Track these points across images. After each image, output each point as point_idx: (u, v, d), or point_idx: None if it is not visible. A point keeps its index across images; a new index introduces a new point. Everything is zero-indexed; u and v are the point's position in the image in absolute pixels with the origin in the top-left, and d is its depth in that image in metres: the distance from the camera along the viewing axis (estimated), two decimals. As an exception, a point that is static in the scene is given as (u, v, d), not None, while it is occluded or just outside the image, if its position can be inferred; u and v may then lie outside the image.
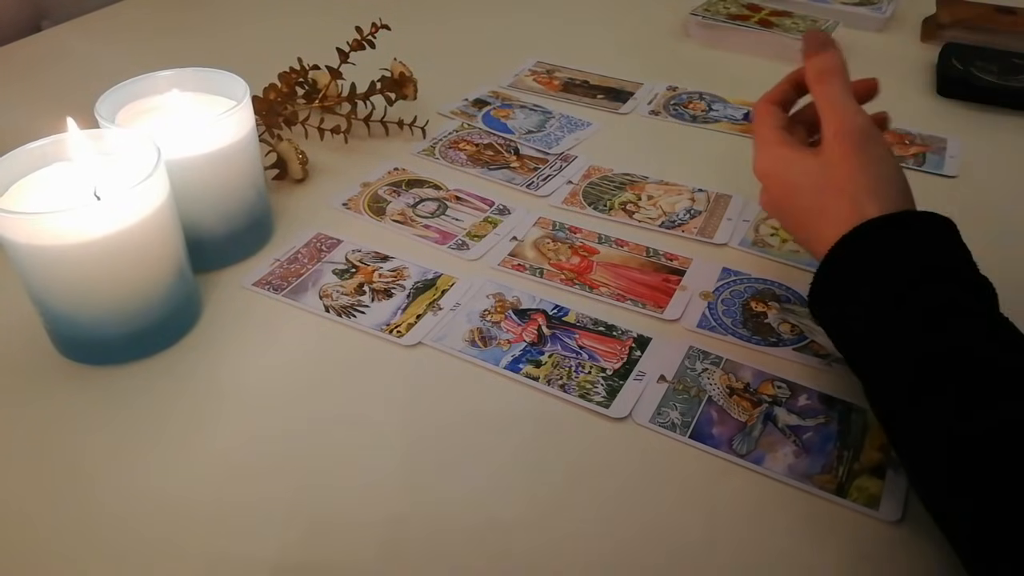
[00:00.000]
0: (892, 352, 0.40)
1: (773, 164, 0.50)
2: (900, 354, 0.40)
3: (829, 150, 0.46)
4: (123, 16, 0.99)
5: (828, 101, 0.48)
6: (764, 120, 0.51)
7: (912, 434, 0.39)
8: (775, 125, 0.51)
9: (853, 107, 0.47)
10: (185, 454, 0.45)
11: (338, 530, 0.41)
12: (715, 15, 0.90)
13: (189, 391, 0.49)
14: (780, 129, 0.50)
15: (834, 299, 0.45)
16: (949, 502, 0.38)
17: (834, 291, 0.45)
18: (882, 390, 0.42)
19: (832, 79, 0.48)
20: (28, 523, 0.42)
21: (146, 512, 0.42)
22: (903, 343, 0.40)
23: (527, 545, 0.41)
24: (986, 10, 0.90)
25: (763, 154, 0.51)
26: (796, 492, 0.43)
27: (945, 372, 0.38)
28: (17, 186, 0.49)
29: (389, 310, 0.54)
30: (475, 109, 0.78)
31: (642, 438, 0.46)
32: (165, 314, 0.51)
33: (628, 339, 0.52)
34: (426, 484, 0.44)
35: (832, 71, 0.49)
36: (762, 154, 0.51)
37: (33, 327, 0.51)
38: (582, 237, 0.61)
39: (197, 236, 0.55)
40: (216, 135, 0.53)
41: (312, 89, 0.73)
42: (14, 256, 0.46)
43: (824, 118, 0.47)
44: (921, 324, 0.40)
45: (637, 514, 0.42)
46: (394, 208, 0.64)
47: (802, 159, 0.48)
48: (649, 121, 0.77)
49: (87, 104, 0.53)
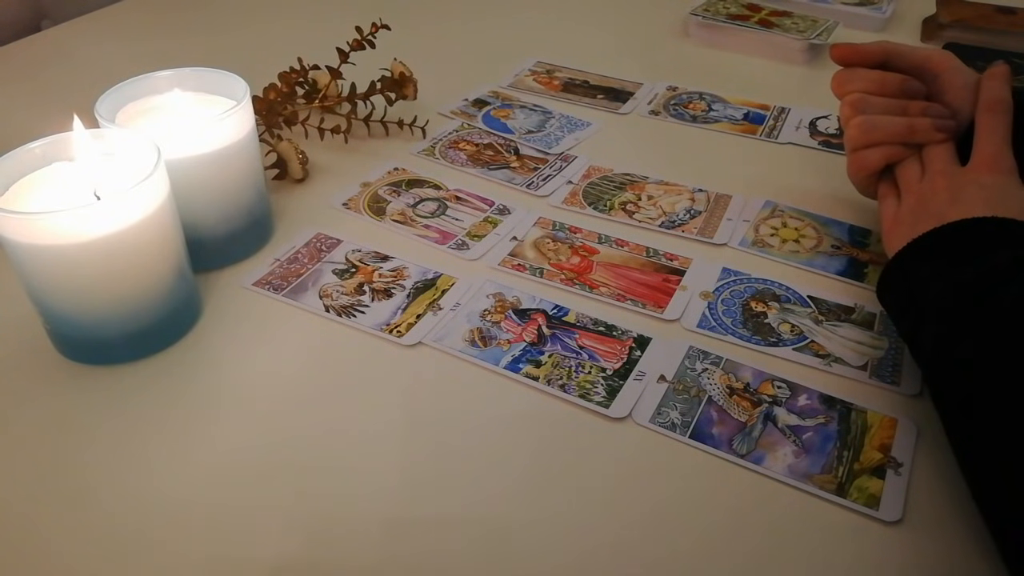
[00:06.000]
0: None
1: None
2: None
3: (976, 172, 0.50)
4: (123, 16, 0.99)
5: (992, 130, 0.51)
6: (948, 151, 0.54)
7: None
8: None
9: (1009, 145, 0.51)
10: (185, 454, 0.45)
11: (338, 530, 0.41)
12: (715, 15, 0.90)
13: (189, 391, 0.49)
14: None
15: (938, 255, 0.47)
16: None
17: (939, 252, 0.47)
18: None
19: (1005, 114, 0.52)
20: (28, 523, 0.42)
21: (145, 512, 0.42)
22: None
23: (527, 545, 0.41)
24: (986, 10, 0.90)
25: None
26: (796, 492, 0.43)
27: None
28: (17, 186, 0.49)
29: (389, 310, 0.54)
30: (475, 109, 0.78)
31: (642, 438, 0.46)
32: (165, 314, 0.51)
33: (628, 339, 0.52)
34: (426, 484, 0.44)
35: (1007, 107, 0.52)
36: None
37: (33, 327, 0.51)
38: (582, 237, 0.61)
39: (197, 236, 0.55)
40: (216, 135, 0.53)
41: (312, 89, 0.73)
42: (14, 256, 0.46)
43: (982, 142, 0.51)
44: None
45: (637, 514, 0.42)
46: (394, 208, 0.64)
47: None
48: (649, 121, 0.77)
49: (87, 104, 0.53)
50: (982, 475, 0.40)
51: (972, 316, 0.42)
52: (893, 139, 0.54)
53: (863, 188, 0.58)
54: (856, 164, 0.56)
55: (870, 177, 0.56)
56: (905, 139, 0.54)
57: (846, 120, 0.56)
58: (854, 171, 0.57)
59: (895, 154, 0.54)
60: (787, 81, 0.83)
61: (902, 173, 0.54)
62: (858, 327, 0.53)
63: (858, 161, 0.56)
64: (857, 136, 0.56)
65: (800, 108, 0.77)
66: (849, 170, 0.57)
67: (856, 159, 0.56)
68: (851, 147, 0.57)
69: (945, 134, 0.53)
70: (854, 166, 0.57)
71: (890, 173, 0.55)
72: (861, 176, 0.57)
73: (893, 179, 0.55)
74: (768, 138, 0.73)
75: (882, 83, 0.56)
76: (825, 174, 0.68)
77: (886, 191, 0.55)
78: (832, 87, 0.58)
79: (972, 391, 0.41)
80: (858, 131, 0.55)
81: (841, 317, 0.53)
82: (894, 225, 0.51)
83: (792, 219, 0.63)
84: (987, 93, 0.53)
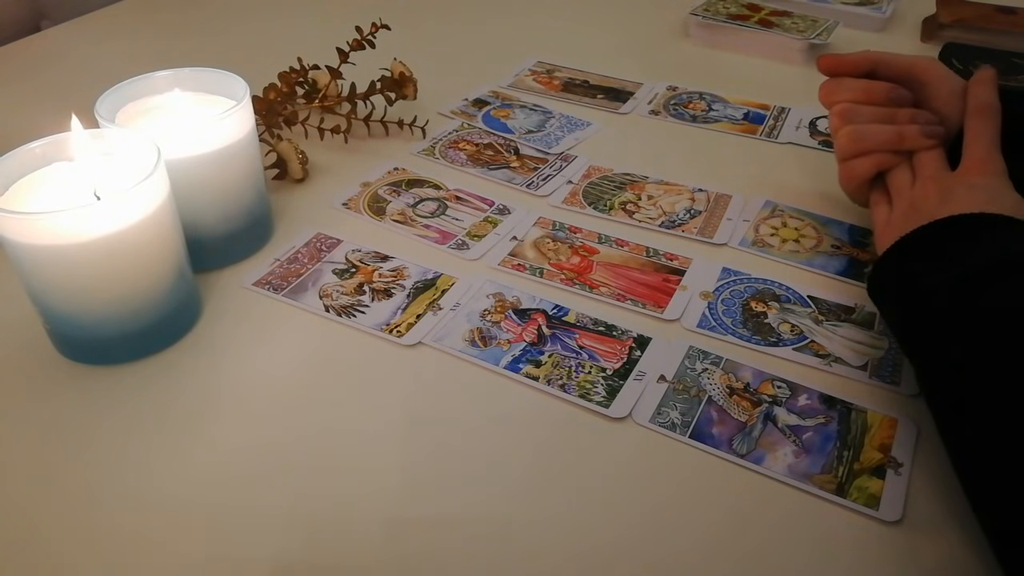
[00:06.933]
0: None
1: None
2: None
3: (966, 175, 0.50)
4: (123, 16, 0.99)
5: (981, 134, 0.52)
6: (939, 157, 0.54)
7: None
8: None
9: (998, 149, 0.51)
10: (185, 454, 0.45)
11: (338, 530, 0.41)
12: (715, 15, 0.90)
13: (189, 391, 0.49)
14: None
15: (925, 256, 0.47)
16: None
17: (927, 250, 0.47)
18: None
19: (992, 117, 0.52)
20: (28, 523, 0.42)
21: (145, 512, 0.42)
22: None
23: (527, 545, 0.41)
24: (986, 10, 0.90)
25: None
26: (796, 492, 0.43)
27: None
28: (17, 186, 0.49)
29: (389, 310, 0.54)
30: (475, 109, 0.78)
31: (642, 438, 0.46)
32: (165, 314, 0.51)
33: (628, 339, 0.52)
34: (425, 484, 0.44)
35: (995, 111, 0.52)
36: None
37: (33, 327, 0.51)
38: (582, 237, 0.61)
39: (197, 236, 0.55)
40: (216, 135, 0.53)
41: (312, 89, 0.73)
42: (14, 256, 0.46)
43: (971, 146, 0.51)
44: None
45: (637, 514, 0.42)
46: (394, 208, 0.64)
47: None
48: (649, 121, 0.77)
49: (87, 104, 0.53)
50: (976, 476, 0.40)
51: (962, 318, 0.42)
52: (882, 147, 0.55)
53: (855, 196, 0.58)
54: (847, 173, 0.57)
55: (861, 186, 0.56)
56: (894, 147, 0.54)
57: (835, 130, 0.57)
58: (845, 180, 0.57)
59: (885, 162, 0.55)
60: (787, 81, 0.83)
61: (893, 180, 0.54)
62: (858, 327, 0.53)
63: (849, 170, 0.56)
64: (846, 145, 0.56)
65: (800, 108, 0.77)
66: (840, 179, 0.58)
67: (846, 168, 0.57)
68: (841, 157, 0.57)
69: (934, 140, 0.53)
70: (845, 175, 0.57)
71: (881, 181, 0.55)
72: (852, 185, 0.57)
73: (885, 187, 0.55)
74: (768, 138, 0.73)
75: (869, 92, 0.56)
76: (825, 174, 0.68)
77: (878, 198, 0.55)
78: (820, 97, 0.59)
79: (965, 393, 0.41)
80: (847, 140, 0.56)
81: (841, 317, 0.53)
82: (886, 230, 0.51)
83: (792, 219, 0.63)
84: (975, 98, 0.53)
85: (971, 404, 0.41)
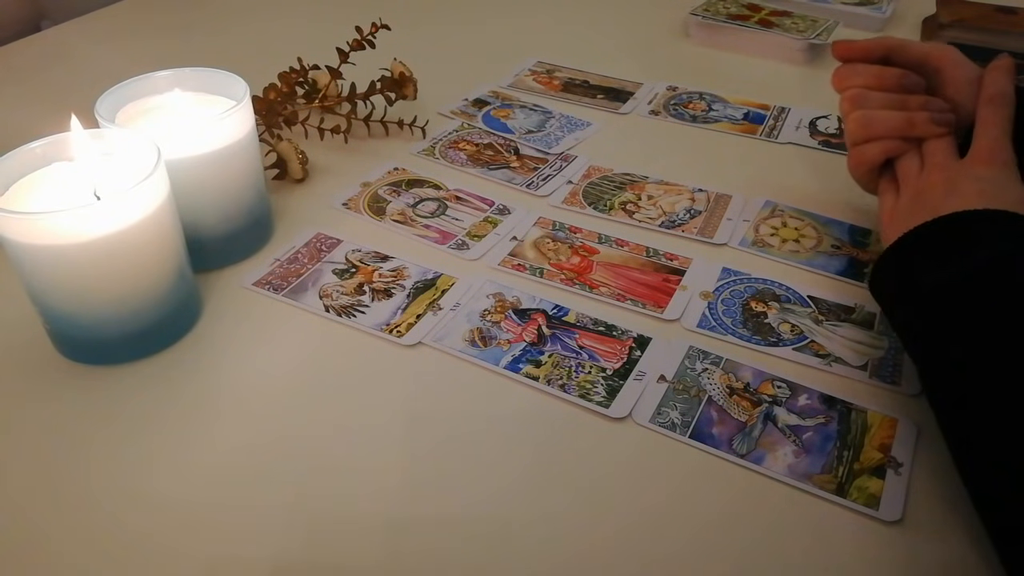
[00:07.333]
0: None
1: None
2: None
3: (972, 164, 0.50)
4: (123, 16, 0.99)
5: (991, 123, 0.51)
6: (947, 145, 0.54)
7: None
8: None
9: (1008, 138, 0.51)
10: (185, 454, 0.45)
11: (339, 530, 0.41)
12: (715, 15, 0.90)
13: (189, 391, 0.49)
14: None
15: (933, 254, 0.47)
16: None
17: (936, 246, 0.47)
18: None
19: (1005, 106, 0.52)
20: (28, 523, 0.42)
21: (145, 512, 0.42)
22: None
23: (527, 545, 0.41)
24: (986, 10, 0.90)
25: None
26: (796, 492, 0.43)
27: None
28: (17, 186, 0.49)
29: (389, 310, 0.54)
30: (475, 109, 0.78)
31: (642, 438, 0.46)
32: (165, 314, 0.51)
33: (628, 339, 0.52)
34: (426, 483, 0.44)
35: (1008, 100, 0.52)
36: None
37: (33, 327, 0.51)
38: (582, 237, 0.61)
39: (197, 236, 0.55)
40: (216, 135, 0.53)
41: (312, 89, 0.73)
42: (14, 256, 0.46)
43: (981, 134, 0.51)
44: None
45: (637, 514, 0.42)
46: (394, 208, 0.64)
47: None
48: (649, 121, 0.77)
49: (87, 104, 0.53)
50: (978, 473, 0.40)
51: (963, 317, 0.42)
52: (892, 133, 0.54)
53: (864, 183, 0.58)
54: (856, 159, 0.56)
55: (870, 172, 0.56)
56: (904, 133, 0.54)
57: (845, 115, 0.56)
58: (854, 165, 0.57)
59: (894, 148, 0.54)
60: (787, 81, 0.83)
61: (901, 167, 0.54)
62: (858, 327, 0.53)
63: (857, 156, 0.56)
64: (856, 130, 0.56)
65: (800, 108, 0.77)
66: (849, 165, 0.57)
67: (855, 153, 0.56)
68: (851, 142, 0.57)
69: (944, 128, 0.53)
70: (854, 161, 0.57)
71: (891, 168, 0.55)
72: (861, 171, 0.57)
73: (894, 174, 0.55)
74: (768, 138, 0.73)
75: (881, 78, 0.56)
76: (825, 174, 0.68)
77: (886, 186, 0.55)
78: (832, 83, 0.58)
79: (966, 391, 0.41)
80: (856, 125, 0.55)
81: (841, 317, 0.53)
82: (891, 219, 0.51)
83: (792, 219, 0.63)
84: (989, 86, 0.53)
85: (972, 402, 0.41)
